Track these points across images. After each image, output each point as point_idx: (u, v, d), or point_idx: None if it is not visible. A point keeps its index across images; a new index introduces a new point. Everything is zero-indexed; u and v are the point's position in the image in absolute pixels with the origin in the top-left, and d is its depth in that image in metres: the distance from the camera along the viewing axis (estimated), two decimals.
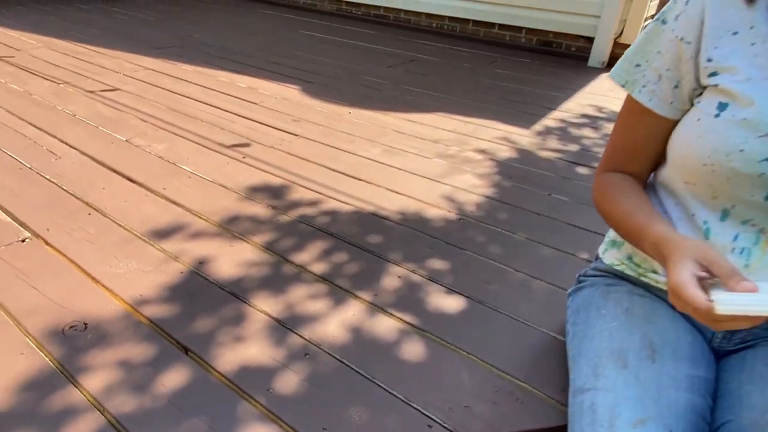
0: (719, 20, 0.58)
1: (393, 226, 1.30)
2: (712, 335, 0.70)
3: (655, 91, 0.64)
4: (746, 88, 0.56)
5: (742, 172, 0.57)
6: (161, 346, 0.88)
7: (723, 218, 0.62)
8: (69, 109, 1.96)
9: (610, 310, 0.73)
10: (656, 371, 0.62)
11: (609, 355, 0.66)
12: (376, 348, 0.90)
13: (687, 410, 0.59)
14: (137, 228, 1.23)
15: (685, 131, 0.63)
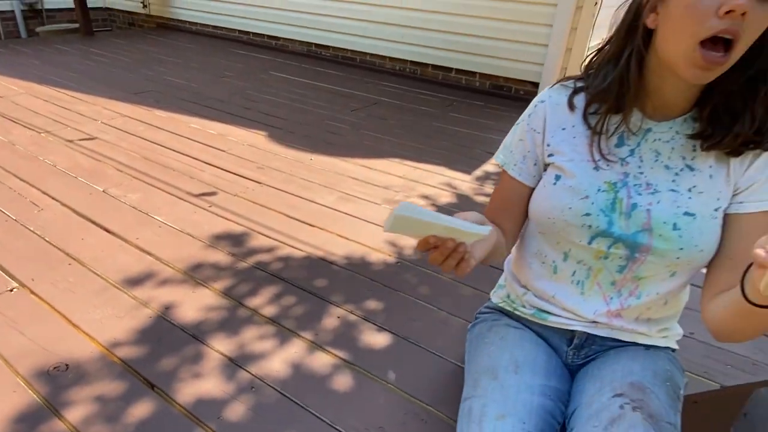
0: (554, 119, 0.82)
1: (339, 270, 1.51)
2: (565, 355, 0.92)
3: (522, 167, 0.86)
4: (571, 165, 0.79)
5: (571, 224, 0.79)
6: (131, 383, 1.06)
7: (565, 259, 0.85)
8: (50, 160, 2.13)
9: (491, 338, 0.95)
10: (517, 381, 0.83)
11: (485, 371, 0.87)
12: (311, 381, 1.10)
13: (539, 409, 0.80)
14: (112, 277, 1.41)
15: (536, 195, 0.86)
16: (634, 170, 0.77)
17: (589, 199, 0.77)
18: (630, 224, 0.76)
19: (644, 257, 0.78)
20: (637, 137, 0.77)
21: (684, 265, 0.77)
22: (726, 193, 0.74)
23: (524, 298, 0.93)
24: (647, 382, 0.80)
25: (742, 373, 1.18)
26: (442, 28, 3.92)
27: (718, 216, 0.74)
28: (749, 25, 0.60)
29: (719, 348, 1.26)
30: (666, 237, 0.75)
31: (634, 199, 0.76)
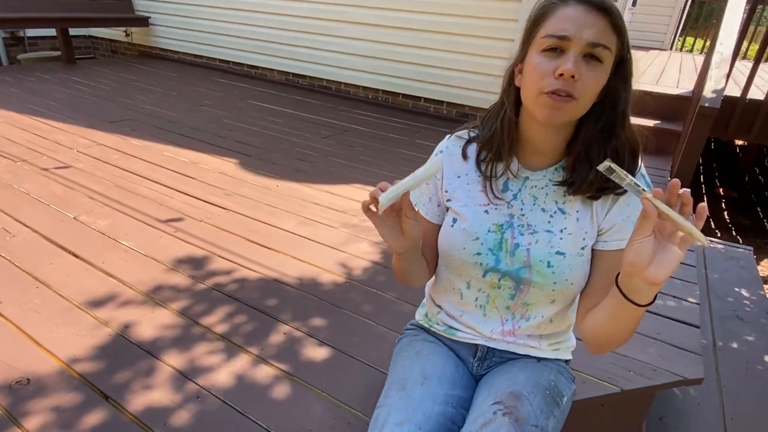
0: (450, 168, 0.96)
1: (290, 290, 1.64)
2: (471, 366, 1.05)
3: (429, 208, 1.00)
4: (464, 210, 0.93)
5: (467, 261, 0.93)
6: (87, 394, 1.17)
7: (468, 287, 0.98)
8: (24, 188, 2.24)
9: (408, 352, 1.07)
10: (422, 391, 0.95)
11: (396, 382, 0.99)
12: (253, 390, 1.21)
13: (438, 416, 0.92)
14: (76, 299, 1.52)
15: (440, 234, 0.99)
16: (517, 212, 0.90)
17: (479, 240, 0.90)
18: (514, 261, 0.89)
19: (527, 288, 0.91)
20: (518, 183, 0.90)
21: (559, 295, 0.91)
22: (591, 232, 0.87)
23: (438, 316, 1.06)
24: (525, 391, 0.91)
25: (642, 378, 1.32)
26: (411, 60, 4.14)
27: (585, 253, 0.87)
28: (582, 85, 0.74)
29: (624, 356, 1.40)
30: (542, 273, 0.88)
31: (517, 239, 0.89)
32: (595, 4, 0.74)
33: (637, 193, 0.66)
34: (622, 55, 0.77)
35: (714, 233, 3.92)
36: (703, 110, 2.59)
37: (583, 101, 0.76)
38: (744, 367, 1.85)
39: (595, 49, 0.73)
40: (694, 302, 1.71)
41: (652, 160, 3.38)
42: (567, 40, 0.74)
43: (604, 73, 0.76)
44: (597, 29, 0.73)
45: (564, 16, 0.74)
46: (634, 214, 0.82)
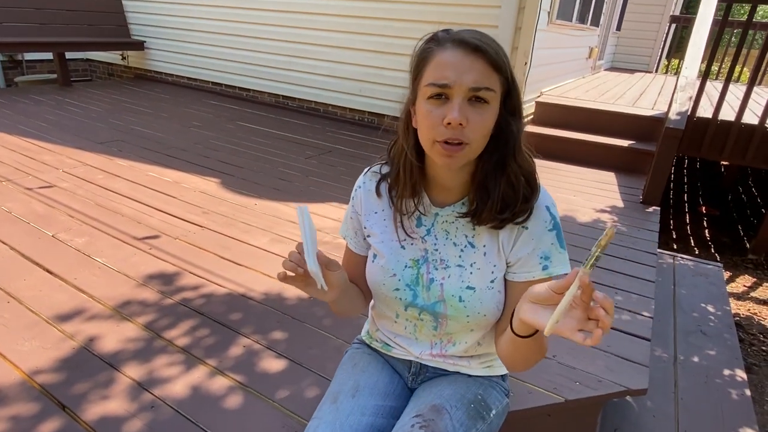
0: (367, 204, 0.98)
1: (255, 305, 1.69)
2: (407, 379, 1.09)
3: (356, 241, 1.03)
4: (381, 246, 0.96)
5: (388, 296, 0.97)
6: (45, 404, 1.21)
7: (397, 317, 1.02)
8: (6, 207, 2.31)
9: (348, 365, 1.12)
10: (352, 404, 1.00)
11: (330, 395, 1.03)
12: (207, 401, 1.26)
13: (366, 427, 0.96)
14: (45, 313, 1.57)
15: (366, 268, 1.01)
16: (431, 247, 0.91)
17: (396, 276, 0.93)
18: (430, 296, 0.92)
19: (445, 321, 0.94)
20: (430, 218, 0.91)
21: (476, 325, 0.94)
22: (500, 265, 0.89)
23: (377, 334, 1.10)
24: (447, 405, 0.94)
25: (587, 389, 1.37)
26: (396, 83, 4.26)
27: (495, 285, 0.89)
28: (472, 129, 0.75)
29: (572, 368, 1.45)
30: (455, 307, 0.90)
31: (431, 274, 0.91)
32: (471, 46, 0.74)
33: (587, 261, 0.62)
34: (508, 89, 0.79)
35: (692, 250, 3.98)
36: (668, 131, 2.68)
37: (476, 144, 0.77)
38: (703, 381, 1.89)
39: (477, 93, 0.74)
40: (648, 316, 1.76)
41: (627, 178, 3.47)
42: (449, 88, 0.74)
43: (491, 111, 0.77)
44: (476, 72, 0.74)
45: (442, 62, 0.75)
46: (539, 247, 0.86)
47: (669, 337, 2.15)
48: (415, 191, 0.90)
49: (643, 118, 3.79)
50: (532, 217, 0.86)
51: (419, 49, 0.81)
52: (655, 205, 2.92)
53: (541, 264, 0.87)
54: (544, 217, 0.87)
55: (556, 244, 0.87)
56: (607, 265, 2.15)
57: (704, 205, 5.22)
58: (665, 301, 2.43)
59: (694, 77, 3.04)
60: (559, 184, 3.27)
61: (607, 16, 6.39)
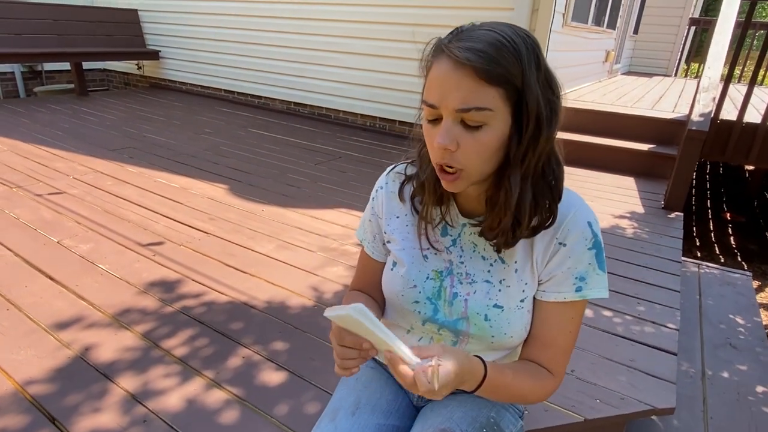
0: (389, 207, 0.91)
1: (257, 314, 1.63)
2: (412, 396, 1.02)
3: (374, 246, 0.96)
4: (402, 254, 0.88)
5: (405, 308, 0.88)
6: (35, 416, 1.16)
7: (411, 329, 0.95)
8: (15, 213, 2.30)
9: (349, 379, 1.05)
10: (351, 423, 0.92)
11: (329, 411, 0.96)
12: (201, 415, 1.19)
13: None
14: (44, 321, 1.53)
15: (383, 274, 0.94)
16: (456, 260, 0.83)
17: (417, 288, 0.85)
18: (452, 311, 0.83)
19: (466, 340, 0.86)
20: (457, 229, 0.83)
21: (499, 346, 0.85)
22: (532, 283, 0.80)
23: None
24: (458, 429, 0.85)
25: (608, 407, 1.27)
26: (407, 88, 4.21)
27: (524, 306, 0.81)
28: (464, 154, 0.67)
29: (593, 384, 1.35)
30: (479, 326, 0.82)
31: (455, 288, 0.83)
32: (460, 58, 0.63)
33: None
34: (518, 100, 0.66)
35: (717, 258, 3.81)
36: (690, 133, 2.57)
37: (473, 168, 0.69)
38: (734, 398, 1.76)
39: (466, 115, 0.65)
40: (674, 328, 1.65)
41: (647, 183, 3.34)
42: (437, 109, 0.67)
43: (492, 131, 0.67)
44: (463, 90, 0.64)
45: (433, 77, 0.67)
46: (576, 266, 0.77)
47: (696, 351, 2.02)
48: (441, 200, 0.82)
49: (663, 121, 3.66)
50: (571, 235, 0.77)
51: (424, 57, 0.71)
52: (678, 211, 2.79)
53: (575, 285, 0.78)
54: (585, 234, 0.77)
55: (594, 265, 0.78)
56: (629, 273, 2.04)
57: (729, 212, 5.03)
58: (691, 312, 2.30)
59: (717, 78, 2.92)
60: (575, 190, 3.13)
61: (624, 19, 6.27)
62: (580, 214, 0.78)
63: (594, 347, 1.52)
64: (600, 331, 1.61)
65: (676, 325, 1.67)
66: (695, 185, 5.72)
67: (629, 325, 1.66)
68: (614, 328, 1.64)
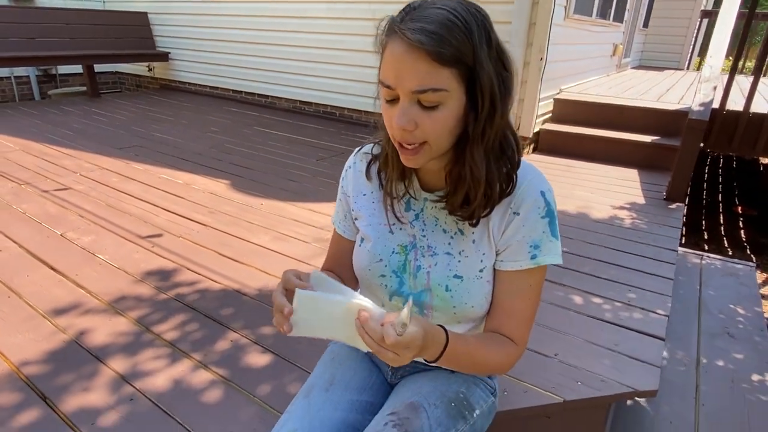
0: (357, 185, 0.93)
1: (248, 300, 1.66)
2: (387, 373, 1.04)
3: (345, 224, 0.98)
4: (369, 230, 0.91)
5: (373, 283, 0.91)
6: (27, 395, 1.21)
7: (382, 306, 0.97)
8: (22, 208, 2.38)
9: (327, 357, 1.07)
10: (325, 398, 0.95)
11: (305, 388, 0.99)
12: (187, 394, 1.23)
13: (338, 423, 0.90)
14: (43, 307, 1.58)
15: (354, 254, 0.97)
16: (419, 233, 0.86)
17: (383, 261, 0.87)
18: (416, 284, 0.86)
19: (430, 312, 0.88)
20: (419, 203, 0.86)
21: (463, 317, 0.87)
22: (489, 253, 0.83)
23: None
24: (426, 402, 0.87)
25: (588, 389, 1.27)
26: None
27: (483, 276, 0.83)
28: (422, 131, 0.69)
29: (575, 367, 1.35)
30: (441, 297, 0.85)
31: (419, 261, 0.86)
32: (413, 41, 0.64)
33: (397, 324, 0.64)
34: (471, 78, 0.68)
35: (726, 252, 3.75)
36: (690, 123, 2.54)
37: (436, 142, 0.71)
38: (728, 386, 1.74)
39: (423, 96, 0.67)
40: (663, 314, 1.64)
41: (650, 175, 3.30)
42: (393, 90, 0.68)
43: (447, 110, 0.69)
44: (419, 72, 0.65)
45: (389, 59, 0.68)
46: (530, 235, 0.80)
47: (692, 339, 2.00)
48: (404, 175, 0.85)
49: (668, 113, 3.62)
50: (525, 204, 0.79)
51: (378, 34, 0.72)
52: (680, 202, 2.76)
53: (531, 253, 0.81)
54: (537, 204, 0.79)
55: (547, 233, 0.80)
56: (623, 262, 2.03)
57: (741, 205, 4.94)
58: (689, 302, 2.28)
59: (719, 68, 2.88)
60: (576, 182, 3.14)
61: (632, 13, 6.19)
62: (534, 184, 0.80)
63: (579, 332, 1.52)
64: (587, 317, 1.61)
65: (666, 311, 1.66)
66: (707, 179, 5.63)
67: (618, 311, 1.65)
68: (602, 314, 1.63)
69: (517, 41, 3.41)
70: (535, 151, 3.95)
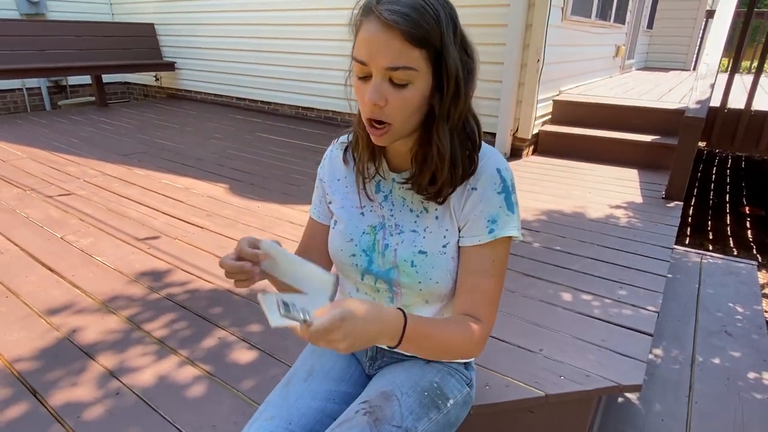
0: (332, 171, 0.98)
1: (238, 299, 1.68)
2: (365, 365, 1.05)
3: (320, 210, 1.01)
4: (341, 212, 0.95)
5: (345, 263, 0.94)
6: (18, 389, 1.24)
7: (357, 290, 0.98)
8: (25, 213, 2.44)
9: (307, 349, 1.09)
10: (303, 387, 0.96)
11: (285, 379, 1.00)
12: (171, 389, 1.25)
13: (315, 412, 0.92)
14: (38, 307, 1.62)
15: (329, 237, 1.00)
16: (387, 213, 0.90)
17: (353, 241, 0.91)
18: (384, 262, 0.89)
19: (399, 290, 0.91)
20: (388, 184, 0.90)
21: (429, 295, 0.90)
22: (452, 229, 0.86)
23: None
24: (398, 391, 0.89)
25: (572, 383, 1.26)
26: None
27: (447, 251, 0.86)
28: (392, 108, 0.73)
29: (558, 362, 1.35)
30: (407, 273, 0.88)
31: (387, 240, 0.89)
32: (388, 21, 0.69)
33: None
34: (437, 60, 0.73)
35: (731, 251, 3.70)
36: (686, 120, 2.52)
37: (399, 123, 0.75)
38: (723, 384, 1.72)
39: (394, 73, 0.71)
40: (653, 311, 1.63)
41: (650, 175, 3.28)
42: (367, 66, 0.73)
43: (414, 90, 0.73)
44: (392, 50, 0.70)
45: (363, 37, 0.72)
46: (487, 209, 0.83)
47: (688, 337, 1.98)
48: (374, 155, 0.89)
49: (668, 112, 3.59)
50: (481, 179, 0.84)
51: (353, 17, 0.77)
52: (678, 201, 2.74)
53: (488, 228, 0.84)
54: (494, 180, 0.83)
55: (504, 207, 0.84)
56: (615, 260, 2.02)
57: (748, 206, 4.87)
58: (687, 301, 2.25)
59: (716, 66, 2.86)
60: (575, 182, 3.13)
61: (634, 14, 6.17)
62: (490, 162, 0.84)
63: (566, 328, 1.51)
64: (575, 313, 1.61)
65: (656, 307, 1.64)
66: (714, 179, 5.56)
67: (607, 308, 1.64)
68: (591, 310, 1.63)
69: (514, 43, 3.42)
70: (535, 153, 3.94)
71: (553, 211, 2.59)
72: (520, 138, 3.76)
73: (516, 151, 3.79)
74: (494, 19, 3.49)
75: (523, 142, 3.75)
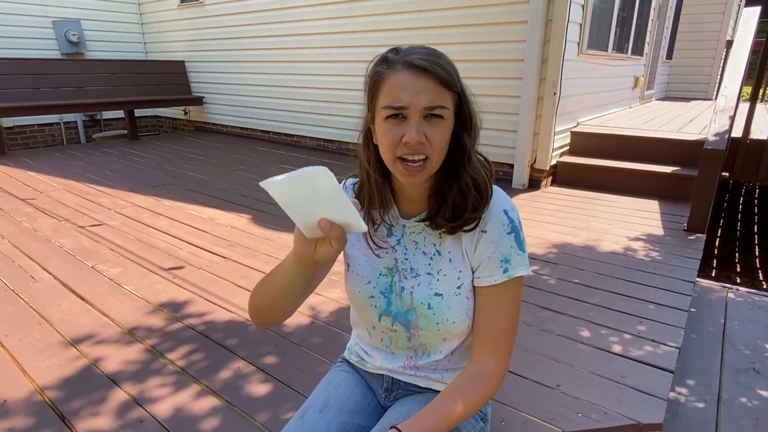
0: None
1: (256, 330, 1.73)
2: (380, 396, 1.07)
3: None
4: (357, 254, 0.97)
5: (363, 305, 0.97)
6: (48, 416, 1.29)
7: (373, 328, 1.01)
8: (59, 242, 2.55)
9: (324, 381, 1.11)
10: (318, 419, 0.99)
11: (300, 410, 1.03)
12: (191, 418, 1.28)
13: None
14: (69, 334, 1.69)
15: (345, 278, 1.03)
16: (401, 257, 0.92)
17: (371, 284, 0.93)
18: (402, 303, 0.92)
19: (417, 331, 0.94)
20: (399, 230, 0.92)
21: (447, 334, 0.92)
22: (466, 270, 0.88)
23: (354, 348, 1.10)
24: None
25: (589, 420, 1.25)
26: None
27: (462, 292, 0.88)
28: (431, 144, 0.77)
29: (576, 398, 1.33)
30: (424, 315, 0.90)
31: (402, 282, 0.91)
32: (421, 68, 0.76)
33: None
34: (459, 103, 0.81)
35: (760, 285, 3.58)
36: (706, 153, 2.52)
37: (436, 158, 0.80)
38: (751, 424, 1.66)
39: (432, 111, 0.77)
40: (674, 346, 1.60)
41: (671, 206, 3.24)
42: (405, 109, 0.77)
43: (447, 125, 0.80)
44: (429, 92, 0.76)
45: (396, 84, 0.77)
46: (498, 250, 0.86)
47: (713, 375, 1.92)
48: (385, 203, 0.91)
49: (688, 143, 3.57)
50: (490, 222, 0.86)
51: (372, 71, 0.83)
52: (701, 232, 2.69)
53: (502, 267, 0.86)
54: (502, 221, 0.86)
55: (514, 247, 0.86)
56: (635, 293, 2.00)
57: None
58: (713, 336, 2.19)
59: (735, 97, 2.86)
60: (594, 214, 3.11)
61: (653, 45, 6.20)
62: (497, 203, 0.87)
63: (584, 363, 1.50)
64: (593, 348, 1.59)
65: (677, 343, 1.62)
66: (741, 210, 5.43)
67: (626, 343, 1.62)
68: (610, 346, 1.61)
69: (530, 77, 3.49)
70: (553, 184, 3.95)
71: (572, 242, 2.58)
72: (538, 169, 3.78)
73: (534, 182, 3.80)
74: (511, 54, 3.58)
75: (541, 173, 3.77)
